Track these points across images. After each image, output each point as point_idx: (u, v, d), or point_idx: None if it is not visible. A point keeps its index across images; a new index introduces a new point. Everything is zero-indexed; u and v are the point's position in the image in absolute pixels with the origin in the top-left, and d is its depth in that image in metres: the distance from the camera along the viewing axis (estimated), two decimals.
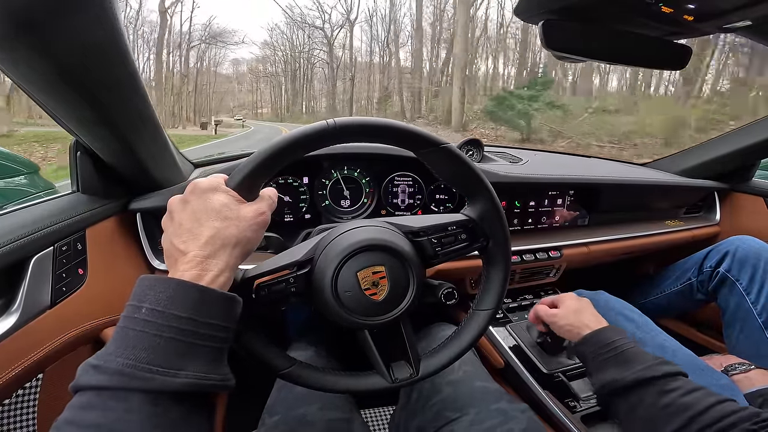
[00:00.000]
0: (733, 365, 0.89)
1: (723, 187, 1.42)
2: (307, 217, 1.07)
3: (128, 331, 0.35)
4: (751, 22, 0.56)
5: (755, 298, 0.98)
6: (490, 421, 0.63)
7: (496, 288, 0.59)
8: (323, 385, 0.54)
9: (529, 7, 0.61)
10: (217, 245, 0.41)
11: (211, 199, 0.43)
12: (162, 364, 0.34)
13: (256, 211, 0.45)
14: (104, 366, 0.33)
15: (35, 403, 0.58)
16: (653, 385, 0.59)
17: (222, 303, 0.39)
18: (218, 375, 0.38)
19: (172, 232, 0.43)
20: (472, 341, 0.59)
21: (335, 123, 0.48)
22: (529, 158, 1.36)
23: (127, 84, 0.56)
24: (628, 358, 0.65)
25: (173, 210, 0.45)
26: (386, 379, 0.55)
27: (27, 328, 0.56)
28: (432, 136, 0.53)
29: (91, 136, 0.66)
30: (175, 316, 0.36)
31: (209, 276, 0.40)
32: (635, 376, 0.61)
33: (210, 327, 0.38)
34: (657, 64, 0.72)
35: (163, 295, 0.36)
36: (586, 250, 1.17)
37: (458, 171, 0.55)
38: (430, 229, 0.56)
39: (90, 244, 0.70)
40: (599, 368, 0.68)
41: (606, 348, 0.68)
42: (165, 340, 0.35)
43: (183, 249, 0.41)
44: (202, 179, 0.45)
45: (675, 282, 1.21)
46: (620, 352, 0.66)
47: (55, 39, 0.42)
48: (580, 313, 0.81)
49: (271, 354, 0.52)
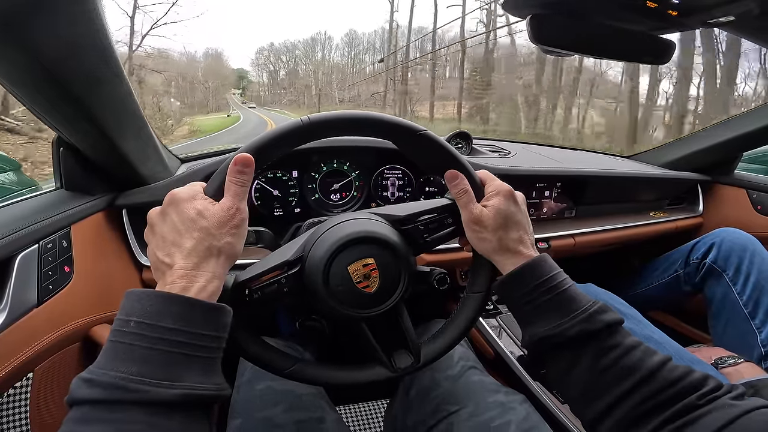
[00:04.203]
0: (722, 358, 0.90)
1: (706, 179, 1.45)
2: (297, 211, 1.07)
3: (118, 344, 0.35)
4: (735, 17, 0.57)
5: (741, 288, 1.00)
6: (488, 414, 0.64)
7: (485, 270, 0.58)
8: (328, 380, 0.54)
9: (517, 1, 0.61)
10: (201, 255, 0.41)
11: (188, 209, 0.42)
12: (155, 377, 0.34)
13: (227, 211, 0.43)
14: (97, 380, 0.33)
15: (27, 403, 0.58)
16: (593, 341, 0.46)
17: (210, 313, 0.39)
18: (213, 385, 0.38)
19: (156, 246, 0.43)
20: (468, 324, 0.59)
21: (309, 119, 0.48)
22: (518, 151, 1.38)
23: (110, 79, 0.55)
24: (567, 299, 0.49)
25: (154, 223, 0.44)
26: (389, 369, 0.56)
27: (14, 328, 0.55)
28: (409, 124, 0.53)
29: (74, 131, 0.65)
30: (164, 328, 0.36)
31: (196, 287, 0.40)
32: (576, 330, 0.46)
33: (201, 338, 0.38)
34: (641, 58, 0.73)
35: (152, 309, 0.36)
36: (573, 241, 1.19)
37: (437, 156, 0.55)
38: (416, 215, 0.56)
39: (75, 241, 0.69)
40: (535, 313, 0.50)
41: (547, 284, 0.49)
42: (157, 353, 0.35)
43: (168, 262, 0.41)
44: (179, 189, 0.44)
45: (662, 274, 1.23)
46: (560, 292, 0.49)
47: (35, 35, 0.42)
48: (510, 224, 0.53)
49: (272, 355, 0.52)
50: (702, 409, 0.39)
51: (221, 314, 0.40)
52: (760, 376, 0.84)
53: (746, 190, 1.38)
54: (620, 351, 0.45)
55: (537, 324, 0.50)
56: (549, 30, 0.62)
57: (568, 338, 0.47)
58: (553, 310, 0.49)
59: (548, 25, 0.62)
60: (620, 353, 0.44)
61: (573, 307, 0.48)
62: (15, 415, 0.57)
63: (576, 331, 0.46)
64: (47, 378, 0.61)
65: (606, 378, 0.44)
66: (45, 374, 0.61)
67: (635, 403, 0.42)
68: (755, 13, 0.56)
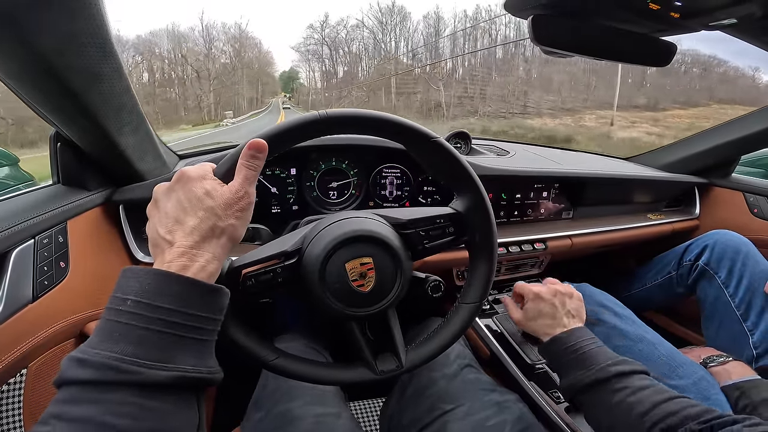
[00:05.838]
0: (711, 357, 0.91)
1: (703, 182, 1.45)
2: (294, 209, 1.06)
3: (113, 323, 0.35)
4: (737, 20, 0.57)
5: (733, 291, 1.00)
6: (484, 412, 0.64)
7: (481, 282, 0.59)
8: (308, 377, 0.54)
9: (519, 2, 0.61)
10: (204, 234, 0.40)
11: (196, 188, 0.42)
12: (149, 358, 0.33)
13: (235, 194, 0.43)
14: (90, 360, 0.32)
15: (20, 400, 0.57)
16: (606, 385, 0.60)
17: (210, 295, 0.39)
18: (206, 368, 0.37)
19: (158, 221, 0.42)
20: (456, 334, 0.59)
21: (326, 114, 0.48)
22: (516, 151, 1.38)
23: (109, 75, 0.55)
24: (587, 358, 0.65)
25: (159, 198, 0.44)
26: (372, 371, 0.56)
27: (9, 323, 0.55)
28: (423, 129, 0.53)
29: (72, 126, 0.64)
30: (161, 308, 0.35)
31: (196, 267, 0.39)
32: (592, 378, 0.61)
33: (197, 319, 0.37)
34: (642, 60, 0.73)
35: (150, 287, 0.36)
36: (570, 242, 1.19)
37: (448, 165, 0.55)
38: (419, 221, 0.56)
39: (72, 236, 0.69)
40: (563, 369, 0.68)
41: (571, 349, 0.68)
42: (152, 333, 0.34)
43: (169, 239, 0.40)
44: (189, 167, 0.44)
45: (656, 275, 1.24)
46: (582, 353, 0.66)
47: (35, 29, 0.41)
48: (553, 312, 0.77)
49: (256, 345, 0.52)
50: None
51: (220, 296, 0.40)
52: (748, 376, 0.84)
53: (743, 193, 1.38)
54: (627, 392, 0.57)
55: (565, 376, 0.67)
56: (550, 31, 0.62)
57: (586, 385, 0.62)
58: (577, 365, 0.65)
59: (550, 26, 0.62)
60: (627, 393, 0.57)
61: (591, 363, 0.64)
62: (9, 411, 0.57)
63: (591, 379, 0.61)
64: (42, 374, 0.61)
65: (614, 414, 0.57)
66: (39, 370, 0.61)
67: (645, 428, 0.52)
68: (757, 15, 0.56)
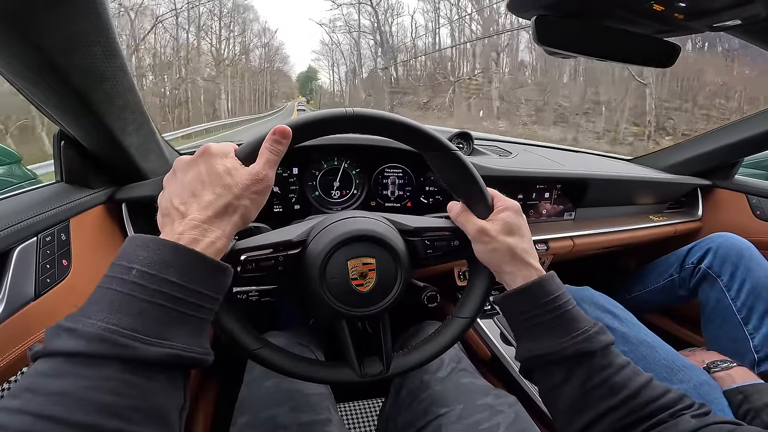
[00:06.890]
0: (715, 362, 0.90)
1: (706, 184, 1.45)
2: (296, 208, 1.06)
3: (113, 292, 0.33)
4: (741, 21, 0.57)
5: (735, 294, 1.00)
6: (477, 416, 0.64)
7: (477, 299, 0.59)
8: (291, 371, 0.53)
9: (522, 2, 0.61)
10: (218, 211, 0.40)
11: (218, 164, 0.42)
12: (145, 332, 0.32)
13: (255, 176, 0.42)
14: (82, 330, 0.31)
15: None
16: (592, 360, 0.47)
17: (215, 273, 0.38)
18: (200, 348, 0.36)
19: (173, 191, 0.42)
20: (446, 346, 0.59)
21: (353, 111, 0.48)
22: (518, 152, 1.38)
23: (113, 73, 0.55)
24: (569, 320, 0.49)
25: (178, 169, 0.44)
26: (356, 373, 0.55)
27: (11, 321, 0.55)
28: (442, 140, 0.53)
29: (76, 125, 0.64)
30: (166, 281, 0.34)
31: (206, 242, 0.38)
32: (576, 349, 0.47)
33: (199, 296, 0.36)
34: (646, 61, 0.72)
35: (157, 257, 0.35)
36: (572, 243, 1.19)
37: (462, 178, 0.55)
38: (426, 230, 0.57)
39: (74, 234, 0.69)
40: (537, 331, 0.50)
41: (551, 305, 0.50)
42: (152, 306, 0.33)
43: (182, 210, 0.40)
44: (214, 144, 0.44)
45: (658, 278, 1.24)
46: (562, 312, 0.49)
47: (40, 28, 0.41)
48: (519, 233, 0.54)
49: (242, 332, 0.51)
50: (669, 422, 0.42)
51: (224, 275, 0.40)
52: (751, 380, 0.84)
53: (746, 195, 1.38)
54: (611, 370, 0.46)
55: (539, 341, 0.50)
56: (553, 32, 0.62)
57: (565, 356, 0.48)
58: (555, 328, 0.49)
59: (553, 27, 0.61)
60: (611, 372, 0.46)
61: (574, 327, 0.49)
62: None
63: (573, 350, 0.47)
64: None
65: (595, 394, 0.46)
66: None
67: (619, 417, 0.44)
68: (762, 16, 0.55)
